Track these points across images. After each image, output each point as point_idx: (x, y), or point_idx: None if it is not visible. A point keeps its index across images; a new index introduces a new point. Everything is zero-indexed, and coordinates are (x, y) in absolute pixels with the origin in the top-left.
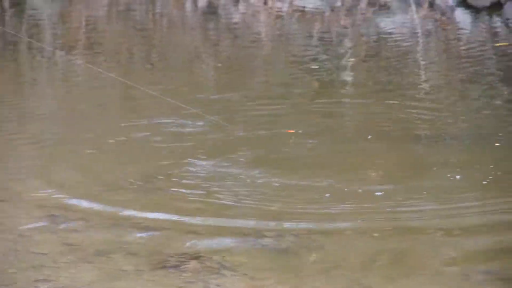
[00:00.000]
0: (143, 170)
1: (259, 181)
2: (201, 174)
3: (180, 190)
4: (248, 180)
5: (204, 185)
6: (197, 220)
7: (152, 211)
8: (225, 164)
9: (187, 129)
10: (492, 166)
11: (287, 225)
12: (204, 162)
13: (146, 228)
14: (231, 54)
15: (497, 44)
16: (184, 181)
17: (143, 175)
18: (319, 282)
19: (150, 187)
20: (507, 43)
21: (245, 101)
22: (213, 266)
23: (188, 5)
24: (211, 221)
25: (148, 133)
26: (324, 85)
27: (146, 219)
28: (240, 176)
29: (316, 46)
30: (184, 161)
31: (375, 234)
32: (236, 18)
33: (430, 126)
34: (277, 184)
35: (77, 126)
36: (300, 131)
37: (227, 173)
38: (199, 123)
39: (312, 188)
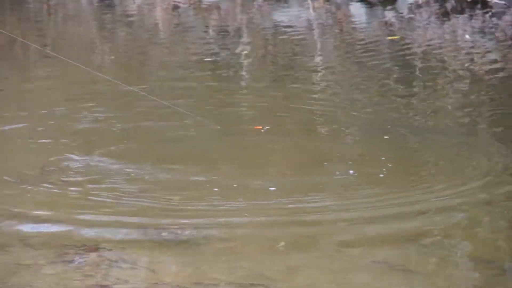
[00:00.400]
0: (23, 165)
1: (147, 177)
2: (87, 169)
3: (66, 186)
4: (137, 175)
5: (91, 180)
6: (93, 216)
7: (43, 207)
8: (113, 159)
9: (77, 123)
10: (383, 158)
11: (182, 220)
12: (87, 157)
13: (38, 224)
14: (127, 46)
15: (389, 38)
16: (69, 178)
17: (24, 170)
18: (219, 274)
19: (33, 183)
20: (398, 36)
21: (140, 93)
22: (112, 259)
23: None
24: (108, 216)
25: (31, 125)
26: (220, 78)
27: (36, 215)
28: (130, 171)
29: (213, 39)
30: (71, 155)
31: (272, 229)
32: (133, 10)
33: (325, 120)
34: (167, 179)
35: None
36: (198, 125)
37: (116, 168)
38: (89, 117)
39: (202, 182)
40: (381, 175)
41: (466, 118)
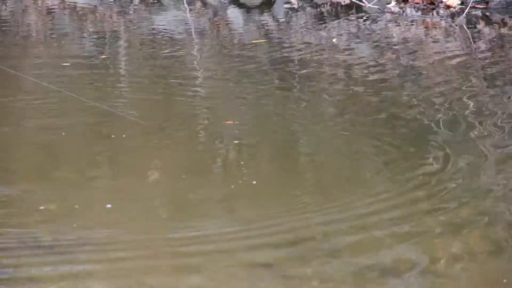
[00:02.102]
0: None
1: None
2: None
3: None
4: None
5: None
6: None
7: None
8: None
9: None
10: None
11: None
12: None
13: None
14: (1, 52)
15: (254, 41)
16: None
17: None
18: (97, 284)
19: None
20: (264, 40)
21: (14, 98)
22: None
23: None
24: None
25: None
26: (98, 80)
27: None
28: None
29: (89, 43)
30: None
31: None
32: (5, 14)
33: (202, 125)
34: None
35: None
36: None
37: None
38: None
39: (32, 199)
40: (254, 183)
41: (333, 122)
